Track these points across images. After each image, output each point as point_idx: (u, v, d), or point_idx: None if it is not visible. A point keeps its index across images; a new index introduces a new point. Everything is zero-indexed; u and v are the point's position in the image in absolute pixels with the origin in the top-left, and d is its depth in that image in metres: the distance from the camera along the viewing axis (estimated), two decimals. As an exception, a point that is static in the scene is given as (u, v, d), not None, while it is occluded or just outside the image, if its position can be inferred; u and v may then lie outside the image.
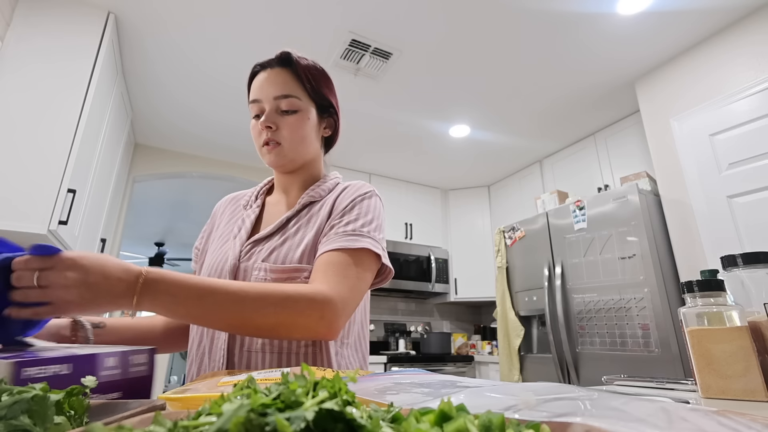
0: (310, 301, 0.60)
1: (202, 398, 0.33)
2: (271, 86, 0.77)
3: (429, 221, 4.04)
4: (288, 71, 0.79)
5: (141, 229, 5.79)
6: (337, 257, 0.66)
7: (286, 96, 0.76)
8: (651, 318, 2.02)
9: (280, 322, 0.58)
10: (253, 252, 0.73)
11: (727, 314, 0.58)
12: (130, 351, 0.44)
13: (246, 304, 0.57)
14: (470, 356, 3.45)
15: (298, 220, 0.77)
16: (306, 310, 0.59)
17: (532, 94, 2.70)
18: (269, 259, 0.71)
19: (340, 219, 0.73)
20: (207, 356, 0.70)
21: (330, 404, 0.17)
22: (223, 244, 0.79)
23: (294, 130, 0.77)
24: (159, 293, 0.54)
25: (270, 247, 0.73)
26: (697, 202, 2.09)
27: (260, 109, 0.77)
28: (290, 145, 0.77)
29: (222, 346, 0.69)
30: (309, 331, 0.61)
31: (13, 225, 1.62)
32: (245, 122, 3.03)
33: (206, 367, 0.70)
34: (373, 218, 0.74)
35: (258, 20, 2.10)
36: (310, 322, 0.60)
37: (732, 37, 2.09)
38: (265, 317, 0.58)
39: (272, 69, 0.79)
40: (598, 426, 0.19)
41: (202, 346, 0.72)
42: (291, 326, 0.59)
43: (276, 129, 0.76)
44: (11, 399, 0.23)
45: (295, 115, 0.77)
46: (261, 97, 0.77)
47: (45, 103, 1.77)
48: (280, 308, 0.58)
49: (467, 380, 0.38)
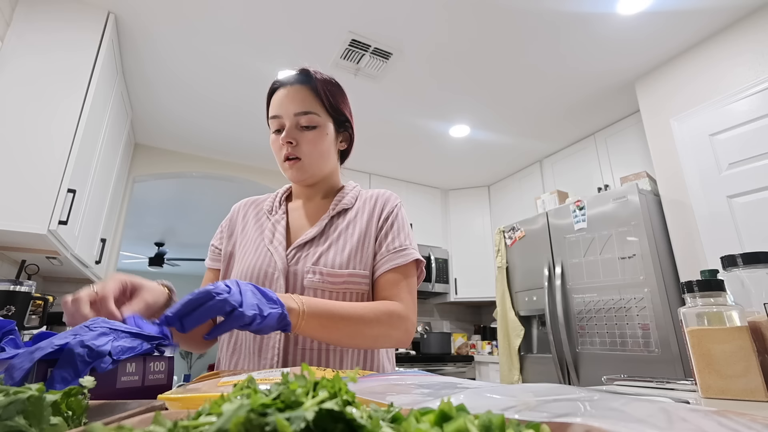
0: (399, 318, 0.74)
1: (202, 398, 0.33)
2: (292, 103, 0.80)
3: (429, 221, 4.04)
4: (307, 88, 0.82)
5: (141, 229, 5.79)
6: (399, 275, 0.79)
7: (306, 113, 0.80)
8: (651, 318, 2.02)
9: (381, 334, 0.72)
10: (299, 257, 0.78)
11: (727, 314, 0.58)
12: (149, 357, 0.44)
13: (365, 323, 0.69)
14: (470, 356, 3.45)
15: (337, 227, 0.82)
16: (397, 324, 0.73)
17: (532, 94, 2.70)
18: (319, 263, 0.77)
19: (386, 236, 0.82)
20: (256, 356, 0.73)
21: (330, 404, 0.17)
22: (257, 249, 0.82)
23: (314, 145, 0.81)
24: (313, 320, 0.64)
25: (316, 252, 0.78)
26: (697, 202, 2.09)
27: (280, 125, 0.81)
28: (310, 160, 0.81)
29: (276, 345, 0.72)
30: (398, 341, 0.74)
31: (12, 225, 1.62)
32: (245, 122, 3.03)
33: (254, 366, 0.73)
34: (408, 228, 0.86)
35: (258, 20, 2.10)
36: (399, 334, 0.74)
37: (732, 37, 2.09)
38: (373, 331, 0.71)
39: (292, 86, 0.82)
40: (598, 426, 0.19)
41: (245, 347, 0.75)
42: (386, 337, 0.73)
43: (296, 144, 0.80)
44: (7, 399, 0.22)
45: (314, 131, 0.81)
46: (281, 113, 0.80)
47: (45, 103, 1.77)
48: (383, 324, 0.72)
49: (467, 382, 0.38)
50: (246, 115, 2.95)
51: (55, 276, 2.73)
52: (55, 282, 2.82)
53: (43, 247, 1.88)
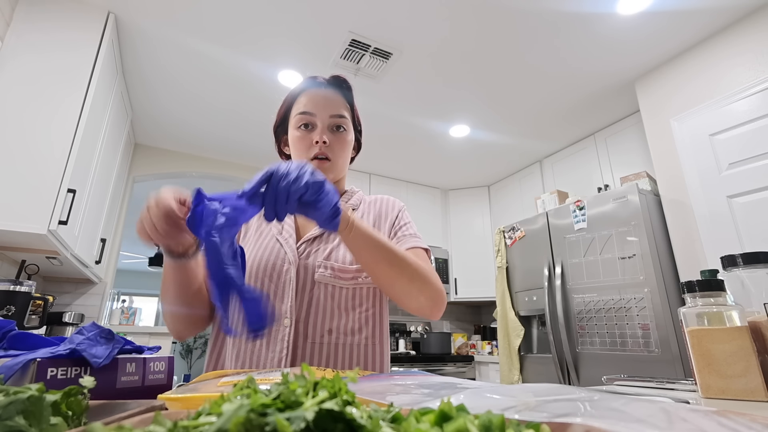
0: (433, 275, 0.76)
1: (202, 398, 0.33)
2: (329, 104, 0.82)
3: (429, 221, 4.04)
4: (341, 94, 0.85)
5: (141, 229, 5.77)
6: (422, 253, 0.82)
7: (341, 116, 0.83)
8: (651, 318, 2.02)
9: (418, 278, 0.72)
10: (310, 251, 0.79)
11: (727, 314, 0.58)
12: (149, 358, 0.44)
13: (406, 261, 0.71)
14: (470, 356, 3.45)
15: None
16: (433, 280, 0.74)
17: (532, 94, 2.70)
18: (330, 258, 0.78)
19: (400, 225, 0.87)
20: (264, 348, 0.72)
21: (330, 404, 0.17)
22: (265, 240, 0.83)
23: (343, 148, 0.83)
24: (361, 232, 0.66)
25: (327, 248, 0.80)
26: (697, 202, 2.09)
27: (310, 121, 0.81)
28: (338, 161, 0.83)
29: (285, 338, 0.72)
30: (430, 299, 0.74)
31: (12, 225, 1.62)
32: (245, 122, 3.03)
33: (261, 359, 0.72)
34: (413, 225, 0.90)
35: (258, 21, 2.10)
36: (432, 291, 0.74)
37: (732, 37, 2.09)
38: (411, 272, 0.71)
39: (327, 88, 0.84)
40: (598, 426, 0.19)
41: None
42: (420, 289, 0.72)
43: (329, 145, 0.81)
44: (7, 399, 0.22)
45: (344, 134, 0.84)
46: (315, 112, 0.81)
47: (45, 103, 1.77)
48: (420, 272, 0.72)
49: (467, 382, 0.38)
50: (246, 116, 2.95)
51: (55, 276, 2.73)
52: (55, 282, 2.82)
53: (43, 247, 1.88)
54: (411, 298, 0.73)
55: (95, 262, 2.49)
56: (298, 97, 0.85)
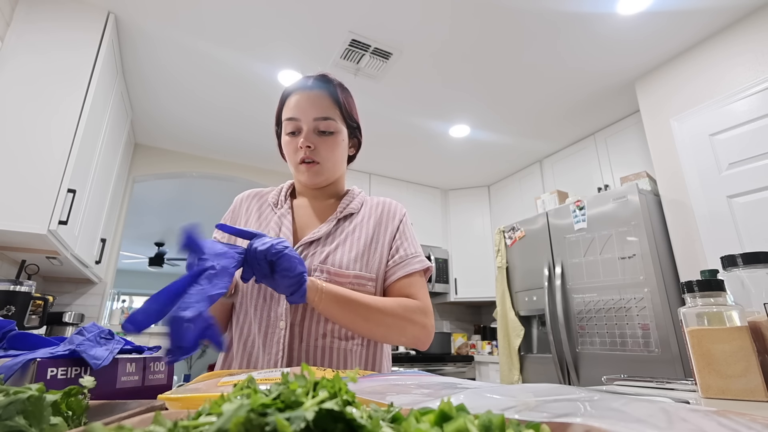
0: (418, 311, 0.77)
1: (202, 398, 0.33)
2: (312, 107, 0.81)
3: (429, 221, 4.04)
4: (327, 94, 0.83)
5: (141, 229, 5.79)
6: (418, 278, 0.83)
7: (326, 118, 0.81)
8: (651, 318, 2.02)
9: (398, 325, 0.74)
10: (307, 254, 0.79)
11: (727, 314, 0.58)
12: (149, 358, 0.44)
13: (382, 311, 0.73)
14: (470, 356, 3.45)
15: (343, 229, 0.84)
16: (415, 318, 0.76)
17: (532, 94, 2.69)
18: (327, 262, 0.78)
19: (399, 245, 0.86)
20: (261, 350, 0.74)
21: (330, 404, 0.17)
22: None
23: (331, 150, 0.82)
24: (331, 298, 0.70)
25: (324, 251, 0.79)
26: (697, 202, 2.09)
27: (296, 127, 0.81)
28: (326, 164, 0.82)
29: (280, 340, 0.73)
30: (414, 337, 0.76)
31: (12, 225, 1.62)
32: (245, 122, 3.03)
33: (258, 361, 0.74)
34: (415, 237, 0.91)
35: (258, 21, 2.10)
36: (416, 330, 0.76)
37: (732, 37, 2.09)
38: (390, 320, 0.73)
39: (311, 90, 0.83)
40: (598, 426, 0.19)
41: (250, 340, 0.76)
42: (402, 330, 0.75)
43: (314, 149, 0.81)
44: (7, 399, 0.22)
45: (332, 137, 0.82)
46: (300, 117, 0.81)
47: (45, 102, 1.77)
48: (400, 316, 0.74)
49: (467, 382, 0.38)
50: (246, 116, 2.95)
51: (55, 276, 2.73)
52: (55, 282, 2.82)
53: (43, 247, 1.88)
54: (392, 341, 0.78)
55: (95, 262, 2.49)
56: (287, 100, 0.84)
